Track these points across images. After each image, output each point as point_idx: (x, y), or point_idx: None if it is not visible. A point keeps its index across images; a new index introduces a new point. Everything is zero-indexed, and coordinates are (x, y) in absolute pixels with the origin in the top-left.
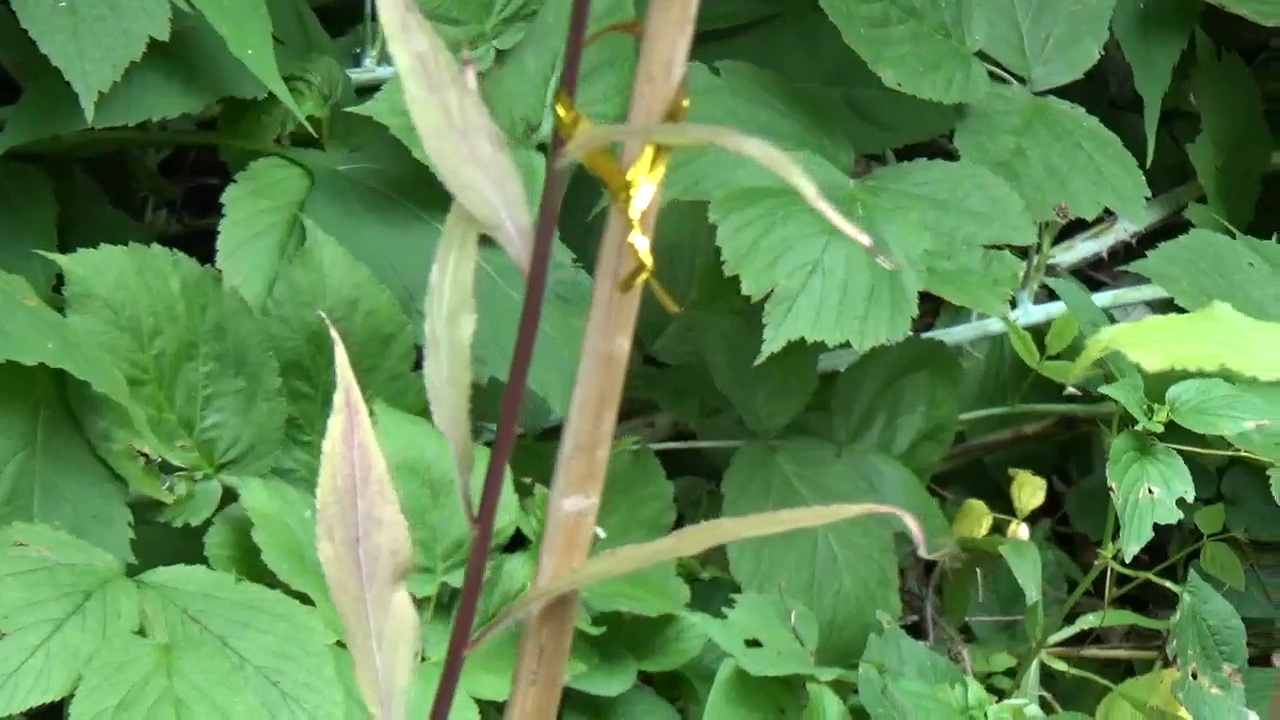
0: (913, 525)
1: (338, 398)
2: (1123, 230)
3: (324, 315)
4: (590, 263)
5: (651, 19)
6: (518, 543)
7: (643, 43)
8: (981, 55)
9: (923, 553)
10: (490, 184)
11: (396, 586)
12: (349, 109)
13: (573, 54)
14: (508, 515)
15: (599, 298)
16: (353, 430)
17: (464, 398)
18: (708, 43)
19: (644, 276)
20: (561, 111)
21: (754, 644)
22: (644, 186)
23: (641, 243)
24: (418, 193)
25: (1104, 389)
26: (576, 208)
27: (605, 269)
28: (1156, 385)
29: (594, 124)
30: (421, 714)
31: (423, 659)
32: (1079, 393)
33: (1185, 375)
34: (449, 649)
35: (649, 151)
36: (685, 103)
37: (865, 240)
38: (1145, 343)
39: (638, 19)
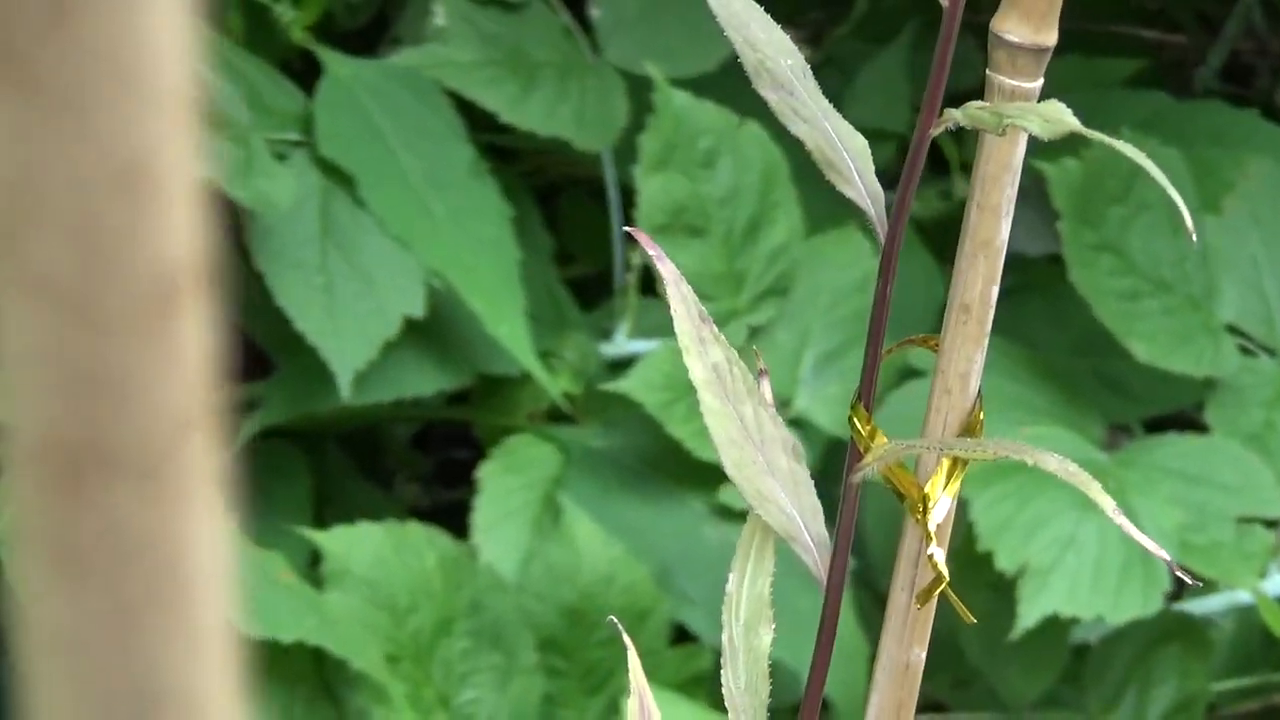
0: None
1: (631, 703)
2: None
3: (617, 622)
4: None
5: (948, 333)
6: None
7: (940, 356)
8: (1230, 328)
9: None
10: (787, 495)
11: None
12: (602, 386)
13: (870, 368)
14: None
15: (896, 607)
16: None
17: (763, 707)
18: None
19: (941, 588)
20: (859, 424)
21: None
22: (941, 500)
23: (939, 555)
24: (671, 469)
25: None
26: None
27: (903, 579)
28: None
29: (890, 438)
30: None
31: None
32: None
33: None
34: None
35: (945, 464)
36: (981, 415)
37: (1165, 556)
38: None
39: (933, 334)
